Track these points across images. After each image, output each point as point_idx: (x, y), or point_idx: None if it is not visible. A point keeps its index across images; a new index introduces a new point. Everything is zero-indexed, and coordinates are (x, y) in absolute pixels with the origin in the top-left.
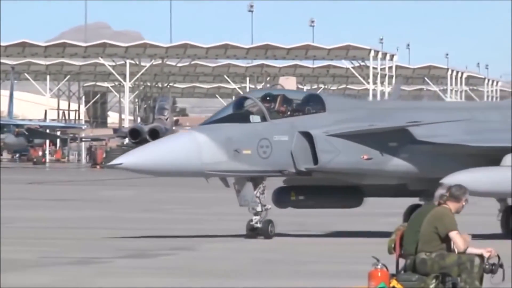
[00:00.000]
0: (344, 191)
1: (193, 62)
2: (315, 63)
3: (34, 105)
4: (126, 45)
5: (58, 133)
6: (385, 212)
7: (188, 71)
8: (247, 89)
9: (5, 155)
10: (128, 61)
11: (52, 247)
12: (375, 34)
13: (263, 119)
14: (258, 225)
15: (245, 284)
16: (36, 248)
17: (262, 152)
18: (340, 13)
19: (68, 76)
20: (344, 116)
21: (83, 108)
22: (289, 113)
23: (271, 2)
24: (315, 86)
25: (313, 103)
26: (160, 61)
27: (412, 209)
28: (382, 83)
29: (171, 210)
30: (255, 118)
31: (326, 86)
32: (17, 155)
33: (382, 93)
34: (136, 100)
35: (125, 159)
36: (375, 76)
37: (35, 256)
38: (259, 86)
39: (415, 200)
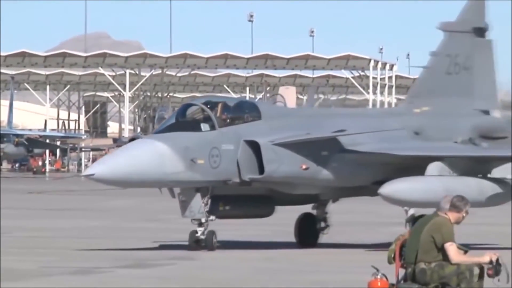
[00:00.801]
0: (259, 200)
1: (193, 72)
2: (315, 73)
3: (34, 115)
4: (126, 55)
5: (58, 143)
6: (386, 222)
7: (188, 80)
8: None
9: (5, 165)
10: (128, 71)
11: (52, 257)
12: (375, 43)
13: (212, 127)
14: (203, 236)
15: None
16: (36, 257)
17: (213, 162)
18: (340, 23)
19: (68, 86)
20: (277, 123)
21: (83, 118)
22: (228, 120)
23: (271, 12)
24: (315, 96)
25: (249, 110)
26: (160, 71)
27: (302, 218)
28: (382, 93)
29: (170, 219)
30: (205, 127)
31: (326, 96)
32: (17, 164)
33: (382, 103)
34: (136, 110)
35: (96, 169)
36: (375, 86)
37: (36, 265)
38: (259, 96)
39: (306, 209)
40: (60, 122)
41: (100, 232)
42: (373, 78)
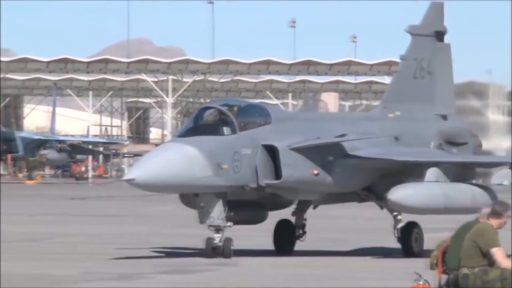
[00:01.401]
0: (253, 206)
1: (235, 78)
2: (357, 79)
3: (77, 121)
4: (169, 61)
5: (101, 148)
6: (425, 228)
7: (230, 87)
8: (290, 105)
9: (48, 171)
10: (170, 77)
11: (93, 263)
12: None
13: (233, 131)
14: (220, 243)
15: None
16: (77, 263)
17: (235, 167)
18: (382, 29)
19: (111, 92)
20: (286, 127)
21: (125, 124)
22: (243, 124)
23: (313, 17)
24: (357, 102)
25: (259, 114)
26: (202, 77)
27: (280, 225)
28: None
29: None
30: (227, 130)
31: (368, 102)
32: (60, 170)
33: None
34: (178, 116)
35: (136, 174)
36: None
37: (77, 271)
38: (301, 102)
39: (282, 215)
40: (103, 128)
41: (141, 238)
42: None
